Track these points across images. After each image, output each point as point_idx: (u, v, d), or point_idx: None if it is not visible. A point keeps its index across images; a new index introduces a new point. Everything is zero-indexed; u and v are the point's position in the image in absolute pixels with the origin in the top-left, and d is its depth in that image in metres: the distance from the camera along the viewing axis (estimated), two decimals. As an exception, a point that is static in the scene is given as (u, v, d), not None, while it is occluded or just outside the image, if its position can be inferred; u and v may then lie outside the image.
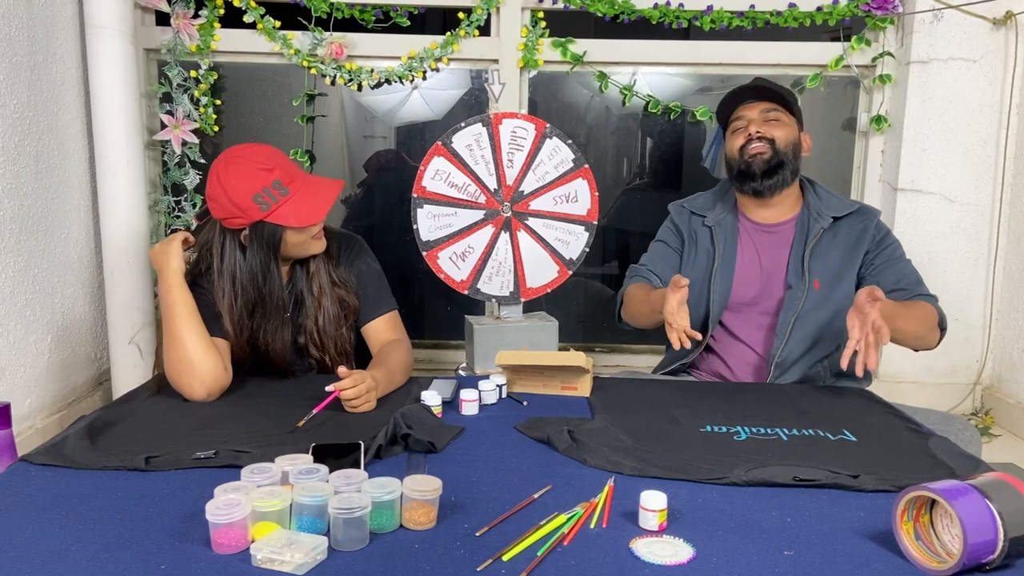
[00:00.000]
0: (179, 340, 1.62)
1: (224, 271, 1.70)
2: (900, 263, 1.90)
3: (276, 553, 0.94)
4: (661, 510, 1.07)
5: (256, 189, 1.62)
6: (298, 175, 1.70)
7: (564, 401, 1.68)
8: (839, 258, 1.89)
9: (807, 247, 1.88)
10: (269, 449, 1.28)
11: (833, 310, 1.87)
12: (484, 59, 2.72)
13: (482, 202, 2.08)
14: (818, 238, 1.88)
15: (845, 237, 1.90)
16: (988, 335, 2.79)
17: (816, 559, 1.00)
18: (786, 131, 1.87)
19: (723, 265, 1.94)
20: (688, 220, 2.03)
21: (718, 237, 1.95)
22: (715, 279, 1.93)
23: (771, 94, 1.89)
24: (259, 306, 1.73)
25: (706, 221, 1.98)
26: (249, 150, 1.68)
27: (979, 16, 2.59)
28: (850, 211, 1.90)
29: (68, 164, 2.35)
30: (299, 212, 1.66)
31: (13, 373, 2.06)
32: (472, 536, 1.04)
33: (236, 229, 1.68)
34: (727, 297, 1.94)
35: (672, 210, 2.09)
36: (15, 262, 2.07)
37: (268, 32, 2.60)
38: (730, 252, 1.95)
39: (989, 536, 0.93)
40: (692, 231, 2.01)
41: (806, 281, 1.86)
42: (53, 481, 1.20)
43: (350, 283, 1.85)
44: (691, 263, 2.00)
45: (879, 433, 1.48)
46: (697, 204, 2.03)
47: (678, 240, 2.04)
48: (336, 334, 1.84)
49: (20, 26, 2.09)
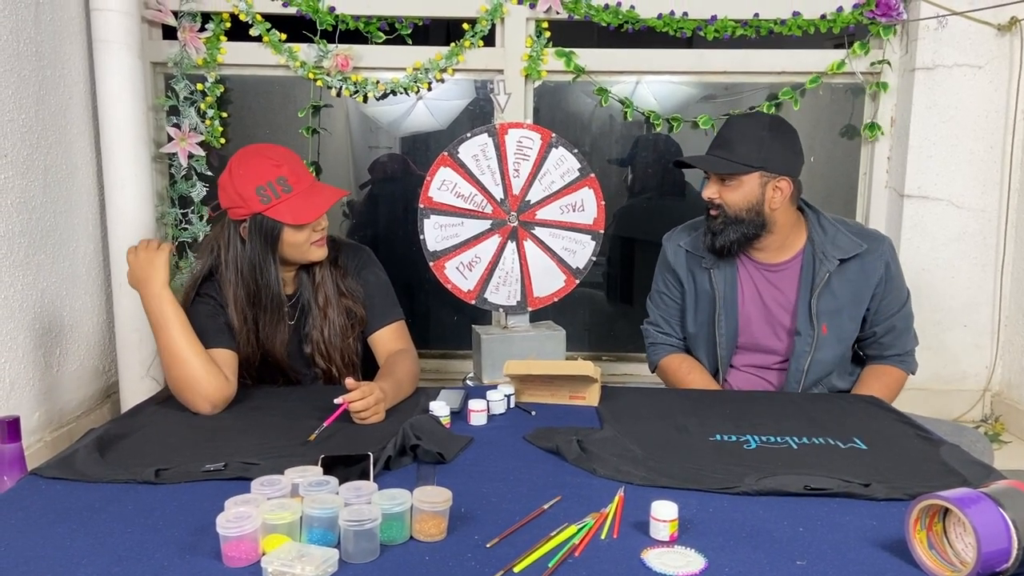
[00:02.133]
0: (178, 358, 1.62)
1: (229, 260, 1.73)
2: (896, 315, 1.91)
3: (287, 566, 0.94)
4: (672, 520, 1.06)
5: (261, 182, 1.66)
6: (306, 178, 1.72)
7: (572, 411, 1.68)
8: (848, 296, 1.87)
9: (814, 292, 1.85)
10: (278, 461, 1.28)
11: (843, 346, 1.90)
12: (489, 69, 2.73)
13: (489, 212, 2.08)
14: (825, 281, 1.85)
15: (853, 275, 1.86)
16: (997, 341, 2.78)
17: (829, 569, 0.99)
18: (739, 194, 1.82)
19: (726, 307, 1.92)
20: (685, 262, 1.99)
21: (716, 279, 1.93)
22: (720, 322, 1.92)
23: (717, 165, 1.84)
24: (256, 299, 1.74)
25: (705, 263, 1.94)
26: (266, 147, 1.73)
27: (984, 22, 2.59)
28: (856, 252, 1.85)
29: (76, 178, 2.36)
30: (296, 210, 1.68)
31: (22, 387, 2.07)
32: (483, 547, 1.04)
33: (237, 220, 1.71)
34: (735, 339, 1.94)
35: (667, 250, 2.04)
36: (24, 276, 2.07)
37: (274, 45, 2.61)
38: (731, 293, 1.92)
39: (1003, 545, 0.92)
40: (690, 271, 1.98)
41: (815, 328, 1.85)
42: (63, 494, 1.21)
43: (357, 293, 1.85)
44: (694, 307, 1.99)
45: (890, 441, 1.47)
46: (695, 244, 1.97)
47: (677, 289, 2.03)
48: (343, 344, 1.84)
49: (28, 41, 2.10)
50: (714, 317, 1.93)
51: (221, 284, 1.74)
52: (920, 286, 2.75)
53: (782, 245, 1.90)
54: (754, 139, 1.81)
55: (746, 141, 1.81)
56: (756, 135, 1.82)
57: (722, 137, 1.86)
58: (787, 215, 1.86)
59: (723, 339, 1.93)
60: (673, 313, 2.05)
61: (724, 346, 1.94)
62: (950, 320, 2.78)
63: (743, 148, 1.81)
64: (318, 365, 1.84)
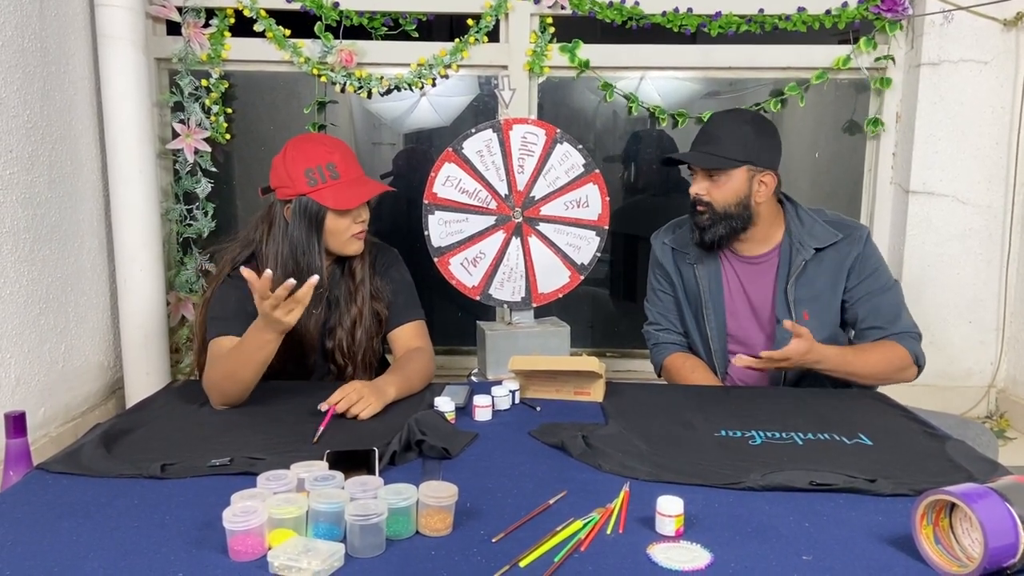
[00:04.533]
0: (237, 378, 1.60)
1: (271, 239, 1.76)
2: (878, 296, 1.88)
3: (293, 560, 0.94)
4: (678, 515, 1.06)
5: (311, 164, 1.72)
6: (355, 169, 1.77)
7: (577, 406, 1.68)
8: (825, 284, 1.89)
9: (789, 280, 1.88)
10: (284, 456, 1.28)
11: (827, 332, 1.89)
12: (493, 65, 2.73)
13: (493, 208, 2.08)
14: (801, 270, 1.87)
15: (830, 263, 1.88)
16: (1002, 337, 2.78)
17: (835, 564, 0.99)
18: (727, 189, 1.84)
19: (712, 301, 1.97)
20: (672, 258, 2.04)
21: (700, 274, 1.97)
22: (708, 317, 1.97)
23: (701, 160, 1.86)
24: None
25: (689, 259, 1.99)
26: (323, 136, 1.79)
27: (989, 17, 2.58)
28: (833, 242, 1.87)
29: (81, 173, 2.36)
30: (339, 196, 1.72)
31: (28, 382, 2.07)
32: (488, 542, 1.04)
33: (283, 201, 1.74)
34: (724, 332, 1.98)
35: (655, 246, 2.10)
36: (29, 271, 2.08)
37: (278, 41, 2.61)
38: (716, 287, 1.97)
39: (1010, 540, 0.92)
40: (677, 268, 2.04)
41: (793, 314, 1.87)
42: (69, 489, 1.21)
43: (384, 294, 1.90)
44: (685, 303, 2.04)
45: (895, 437, 1.47)
46: (679, 241, 2.03)
47: (668, 284, 2.07)
48: (367, 344, 1.87)
49: (33, 37, 2.10)
50: (702, 312, 1.97)
51: (260, 262, 1.75)
52: (925, 282, 2.75)
53: (764, 238, 1.93)
54: (739, 135, 1.84)
55: (732, 137, 1.84)
56: (740, 131, 1.85)
57: (707, 133, 1.88)
58: (769, 208, 1.91)
59: (713, 332, 1.97)
60: (670, 308, 2.09)
61: (716, 339, 1.97)
62: (955, 316, 2.77)
63: (729, 144, 1.84)
64: (336, 362, 1.86)
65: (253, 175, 2.83)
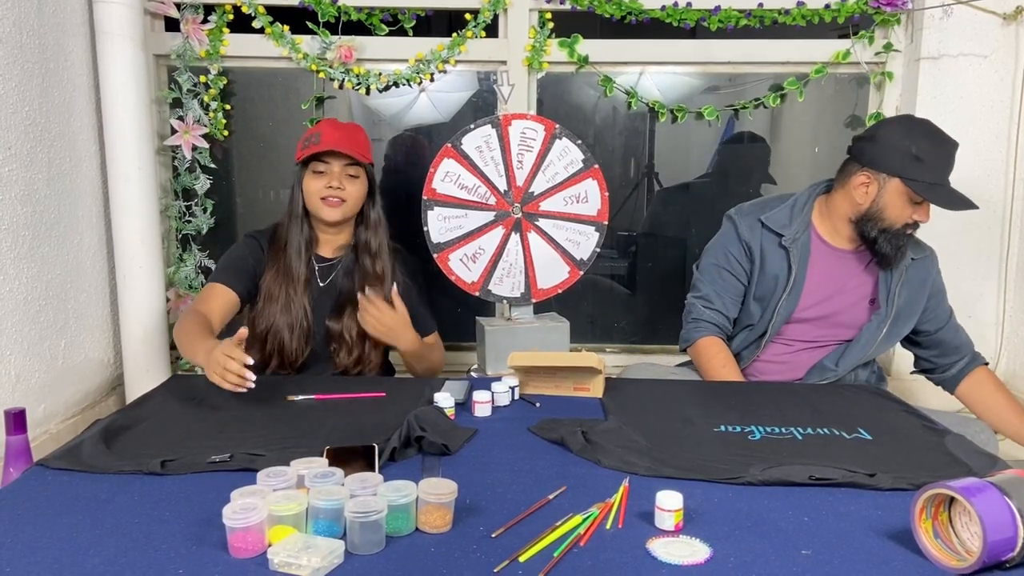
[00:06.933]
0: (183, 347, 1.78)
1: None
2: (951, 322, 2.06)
3: (293, 557, 0.95)
4: (677, 510, 1.06)
5: (307, 136, 1.96)
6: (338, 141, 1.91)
7: (576, 402, 1.68)
8: (909, 296, 1.96)
9: (898, 278, 1.93)
10: (283, 452, 1.29)
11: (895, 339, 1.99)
12: (492, 60, 2.72)
13: (492, 204, 2.08)
14: (904, 273, 1.93)
15: (915, 274, 1.96)
16: (1001, 332, 2.77)
17: (834, 558, 0.99)
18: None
19: (795, 283, 1.94)
20: (760, 236, 1.98)
21: (794, 257, 1.94)
22: (785, 298, 1.94)
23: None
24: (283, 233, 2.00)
25: (783, 241, 1.95)
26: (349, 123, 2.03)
27: (989, 11, 2.58)
28: (924, 255, 1.98)
29: (80, 170, 2.36)
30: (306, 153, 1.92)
31: (27, 379, 2.07)
32: (488, 538, 1.04)
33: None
34: (791, 314, 1.97)
35: (741, 223, 2.01)
36: (28, 268, 2.08)
37: (276, 37, 2.61)
38: (802, 272, 1.95)
39: (1009, 533, 0.92)
40: (763, 248, 1.97)
41: (892, 310, 1.93)
42: (69, 485, 1.21)
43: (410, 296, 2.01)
44: (757, 283, 1.99)
45: (895, 431, 1.48)
46: (774, 220, 1.97)
47: (747, 262, 2.00)
48: (373, 349, 2.00)
49: (31, 33, 2.10)
50: (779, 293, 1.95)
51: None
52: (925, 277, 2.74)
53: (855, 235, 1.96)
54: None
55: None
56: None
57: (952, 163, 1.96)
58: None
59: (781, 312, 1.95)
60: (729, 289, 2.02)
61: (778, 320, 1.96)
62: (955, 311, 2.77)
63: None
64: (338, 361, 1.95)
65: (252, 171, 2.83)
